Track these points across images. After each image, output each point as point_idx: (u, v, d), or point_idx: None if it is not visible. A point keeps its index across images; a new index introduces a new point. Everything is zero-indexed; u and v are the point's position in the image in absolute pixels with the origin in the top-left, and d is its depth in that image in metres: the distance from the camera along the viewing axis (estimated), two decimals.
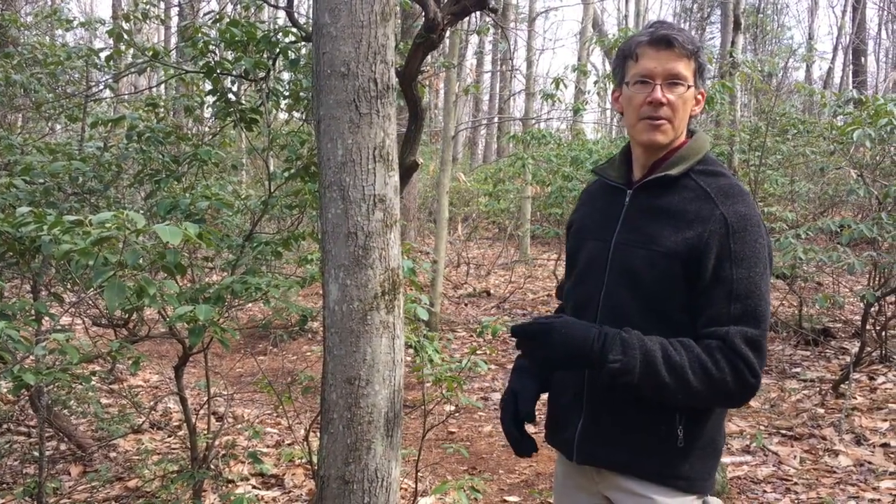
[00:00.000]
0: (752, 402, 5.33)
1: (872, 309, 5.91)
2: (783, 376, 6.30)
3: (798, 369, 6.47)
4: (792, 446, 4.78)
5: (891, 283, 5.66)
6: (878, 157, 6.30)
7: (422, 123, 2.91)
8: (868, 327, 6.15)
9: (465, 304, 10.14)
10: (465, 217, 15.41)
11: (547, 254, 13.80)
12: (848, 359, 6.19)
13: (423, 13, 2.74)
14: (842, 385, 5.59)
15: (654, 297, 1.78)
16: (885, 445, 4.67)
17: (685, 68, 1.79)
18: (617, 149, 8.79)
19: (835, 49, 23.10)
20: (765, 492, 4.17)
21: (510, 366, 7.98)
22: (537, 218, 13.36)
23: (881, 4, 21.47)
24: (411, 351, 3.17)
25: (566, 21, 73.80)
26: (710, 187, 1.81)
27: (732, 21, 9.69)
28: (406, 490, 3.97)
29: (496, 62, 24.65)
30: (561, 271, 9.29)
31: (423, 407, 3.08)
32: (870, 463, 4.44)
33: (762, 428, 5.05)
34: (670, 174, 1.82)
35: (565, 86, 7.48)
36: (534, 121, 12.39)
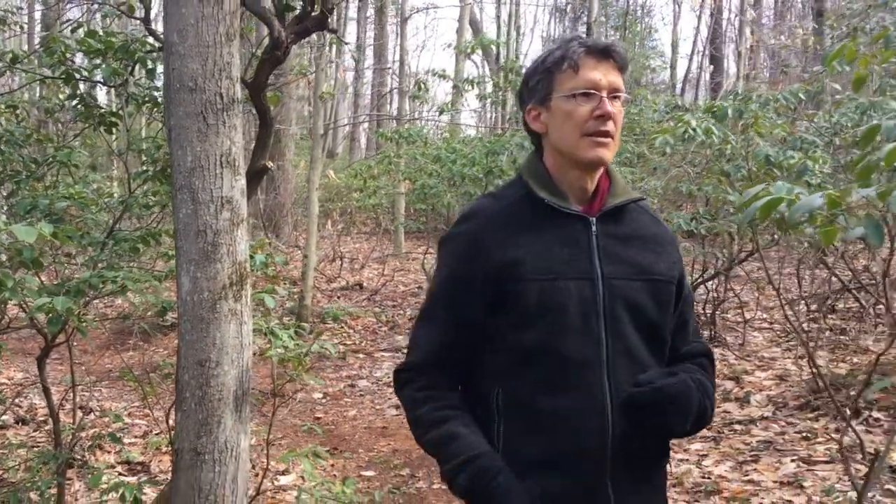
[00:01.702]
0: None
1: (708, 294, 6.63)
2: None
3: None
4: None
5: (709, 271, 6.34)
6: (708, 161, 6.99)
7: (271, 130, 3.21)
8: (701, 310, 6.87)
9: (338, 297, 10.41)
10: (342, 212, 15.64)
11: (421, 248, 14.22)
12: None
13: (269, 32, 3.02)
14: None
15: (657, 329, 1.66)
16: None
17: (621, 81, 1.64)
18: (484, 147, 9.15)
19: (692, 53, 24.65)
20: None
21: (378, 355, 8.24)
22: (411, 213, 13.75)
23: (729, 17, 23.06)
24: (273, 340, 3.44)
25: (445, 19, 74.64)
26: (647, 208, 1.75)
27: (586, 26, 10.44)
28: (265, 469, 4.24)
29: (378, 57, 24.85)
30: (430, 264, 9.56)
31: (275, 388, 3.38)
32: None
33: None
34: (642, 197, 1.72)
35: (427, 89, 7.89)
36: (406, 120, 12.77)
